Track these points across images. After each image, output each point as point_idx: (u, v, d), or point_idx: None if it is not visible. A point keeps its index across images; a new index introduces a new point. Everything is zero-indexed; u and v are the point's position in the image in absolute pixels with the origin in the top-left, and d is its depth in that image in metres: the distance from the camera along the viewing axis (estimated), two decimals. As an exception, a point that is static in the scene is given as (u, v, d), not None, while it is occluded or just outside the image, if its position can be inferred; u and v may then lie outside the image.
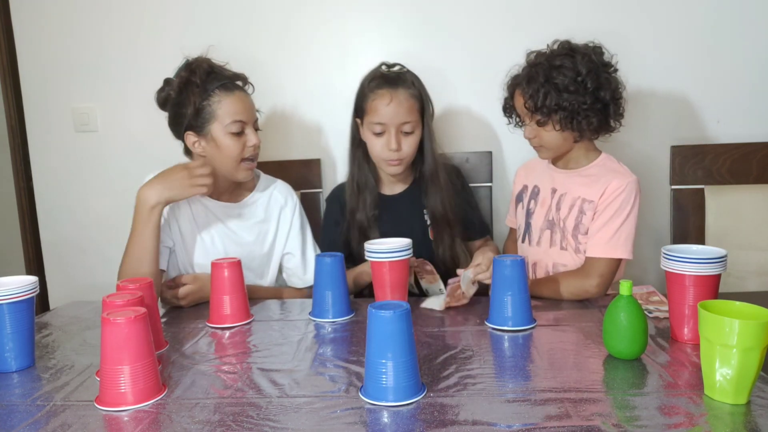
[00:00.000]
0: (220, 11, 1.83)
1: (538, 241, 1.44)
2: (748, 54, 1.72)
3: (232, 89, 1.36)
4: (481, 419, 0.75)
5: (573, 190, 1.38)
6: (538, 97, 1.30)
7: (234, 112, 1.34)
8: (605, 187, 1.32)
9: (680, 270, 0.97)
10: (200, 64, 1.35)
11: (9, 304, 0.96)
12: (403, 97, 1.40)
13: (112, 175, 1.94)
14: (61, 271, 2.03)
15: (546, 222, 1.42)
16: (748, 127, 1.74)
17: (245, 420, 0.77)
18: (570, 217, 1.37)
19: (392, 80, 1.42)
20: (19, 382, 0.94)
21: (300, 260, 1.50)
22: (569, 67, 1.29)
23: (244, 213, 1.46)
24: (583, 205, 1.35)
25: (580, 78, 1.29)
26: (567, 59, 1.30)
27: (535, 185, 1.48)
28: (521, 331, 1.08)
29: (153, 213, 1.27)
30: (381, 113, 1.39)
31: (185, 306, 1.32)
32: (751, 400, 0.78)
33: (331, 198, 1.63)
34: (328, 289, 1.20)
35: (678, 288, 0.99)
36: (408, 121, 1.40)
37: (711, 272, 0.96)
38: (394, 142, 1.40)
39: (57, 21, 1.89)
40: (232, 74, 1.38)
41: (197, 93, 1.33)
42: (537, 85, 1.31)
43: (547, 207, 1.43)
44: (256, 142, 1.37)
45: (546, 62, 1.32)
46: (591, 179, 1.36)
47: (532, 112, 1.33)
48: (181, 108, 1.35)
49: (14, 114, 2.38)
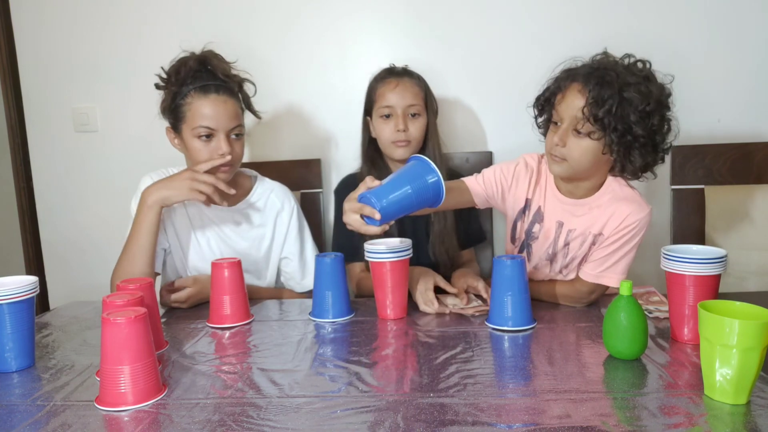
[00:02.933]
0: (221, 11, 1.83)
1: (536, 266, 1.34)
2: (748, 54, 1.72)
3: (208, 92, 1.30)
4: (481, 419, 0.75)
5: (582, 225, 1.23)
6: (605, 106, 1.09)
7: (202, 116, 1.30)
8: (617, 218, 1.18)
9: (680, 270, 0.97)
10: (189, 61, 1.32)
11: (9, 304, 0.96)
12: (408, 84, 1.49)
13: (112, 175, 1.94)
14: (61, 271, 2.04)
15: (547, 254, 1.29)
16: (748, 127, 1.74)
17: (245, 420, 0.77)
18: (579, 252, 1.25)
19: (398, 72, 1.52)
20: (19, 382, 0.94)
21: (298, 265, 1.48)
22: (644, 91, 1.11)
23: (240, 217, 1.44)
24: (596, 238, 1.22)
25: (649, 108, 1.11)
26: (643, 81, 1.12)
27: (539, 207, 1.29)
28: (521, 331, 1.08)
29: (149, 212, 1.26)
30: (388, 97, 1.48)
31: (186, 308, 1.32)
32: (751, 400, 0.78)
33: (342, 187, 1.60)
34: (328, 289, 1.20)
35: (678, 288, 0.99)
36: (414, 104, 1.48)
37: (711, 272, 0.96)
38: (402, 123, 1.47)
39: (57, 21, 1.89)
40: (223, 76, 1.33)
41: (172, 92, 1.32)
42: (610, 90, 1.09)
43: (551, 240, 1.28)
44: (225, 150, 1.31)
45: (622, 73, 1.12)
46: (601, 210, 1.21)
47: (588, 119, 1.11)
48: (162, 100, 1.35)
49: (14, 114, 2.38)
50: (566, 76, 1.18)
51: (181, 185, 1.27)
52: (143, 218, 1.27)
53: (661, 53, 1.72)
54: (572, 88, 1.15)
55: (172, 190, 1.27)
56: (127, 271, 1.27)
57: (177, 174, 1.30)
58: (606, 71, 1.12)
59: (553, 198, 1.28)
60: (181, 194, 1.27)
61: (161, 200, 1.27)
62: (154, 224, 1.28)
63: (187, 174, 1.28)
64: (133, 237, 1.28)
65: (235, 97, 1.35)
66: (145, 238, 1.27)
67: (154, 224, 1.28)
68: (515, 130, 1.78)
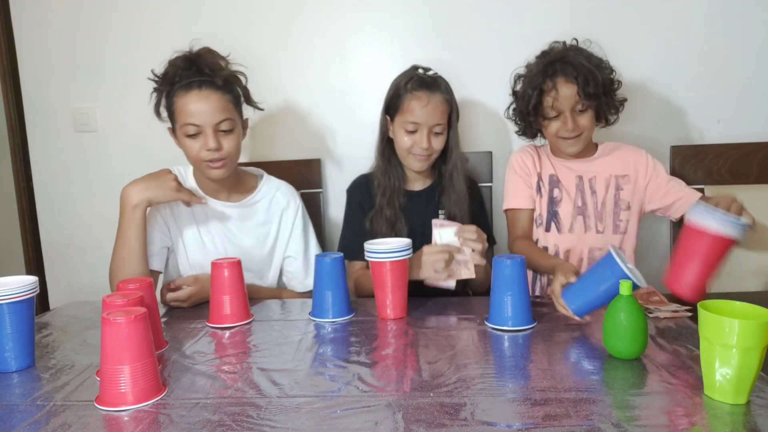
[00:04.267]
0: (221, 11, 1.83)
1: (570, 228, 1.46)
2: (748, 54, 1.72)
3: (190, 89, 1.29)
4: (481, 419, 0.75)
5: (602, 171, 1.46)
6: (591, 82, 1.35)
7: (187, 113, 1.29)
8: (630, 161, 1.46)
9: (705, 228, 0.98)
10: (178, 60, 1.32)
11: (9, 304, 0.96)
12: (439, 101, 1.44)
13: (112, 174, 1.94)
14: (61, 271, 2.03)
15: (576, 208, 1.46)
16: (748, 127, 1.75)
17: (245, 420, 0.77)
18: (608, 195, 1.45)
19: (429, 84, 1.46)
20: (19, 382, 0.94)
21: (302, 264, 1.48)
22: (595, 59, 1.39)
23: (245, 214, 1.44)
24: (618, 181, 1.44)
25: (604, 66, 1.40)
26: (590, 53, 1.40)
27: (551, 174, 1.50)
28: (521, 331, 1.08)
29: (135, 212, 1.27)
30: (417, 113, 1.43)
31: (187, 307, 1.32)
32: (751, 400, 0.78)
33: (355, 187, 1.60)
34: (328, 289, 1.20)
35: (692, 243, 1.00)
36: (440, 123, 1.45)
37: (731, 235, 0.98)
38: (426, 141, 1.44)
39: (57, 21, 1.89)
40: (209, 71, 1.30)
41: (160, 93, 1.33)
42: (584, 70, 1.35)
43: (574, 194, 1.47)
44: (213, 146, 1.29)
45: (573, 53, 1.39)
46: (612, 158, 1.48)
47: (583, 99, 1.36)
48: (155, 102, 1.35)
49: (14, 114, 2.38)
50: (543, 79, 1.40)
51: (165, 186, 1.28)
52: (130, 220, 1.27)
53: (661, 53, 1.74)
54: (559, 82, 1.38)
55: (155, 191, 1.28)
56: (122, 272, 1.27)
57: (157, 173, 1.31)
58: (571, 56, 1.38)
59: (559, 163, 1.51)
60: (165, 195, 1.29)
61: (147, 201, 1.27)
62: (141, 224, 1.28)
63: (170, 175, 1.30)
64: (122, 239, 1.28)
65: (220, 90, 1.31)
66: (135, 239, 1.27)
67: (141, 224, 1.28)
68: (515, 130, 1.78)
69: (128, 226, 1.27)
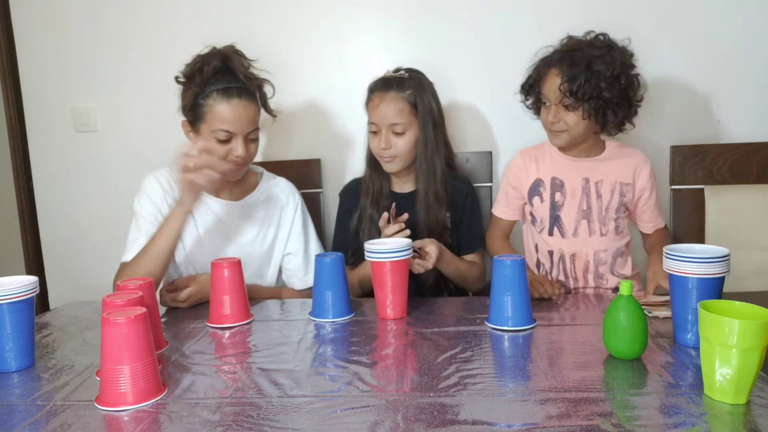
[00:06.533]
0: (220, 11, 1.83)
1: (574, 232, 1.46)
2: (748, 54, 1.72)
3: (230, 96, 1.30)
4: (481, 419, 0.75)
5: (609, 175, 1.45)
6: (577, 81, 1.32)
7: (222, 120, 1.30)
8: (635, 170, 1.46)
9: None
10: (213, 60, 1.31)
11: (9, 304, 0.96)
12: (392, 100, 1.44)
13: (112, 174, 1.94)
14: (61, 271, 2.04)
15: (581, 212, 1.45)
16: (748, 127, 1.74)
17: (245, 420, 0.77)
18: (613, 200, 1.45)
19: (386, 84, 1.47)
20: (19, 382, 0.94)
21: (302, 261, 1.48)
22: (608, 60, 1.34)
23: (245, 212, 1.44)
24: (623, 188, 1.45)
25: (616, 72, 1.34)
26: (607, 51, 1.35)
27: (554, 177, 1.48)
28: (521, 331, 1.08)
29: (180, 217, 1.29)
30: (372, 114, 1.48)
31: (186, 307, 1.32)
32: (751, 400, 0.78)
33: (346, 190, 1.63)
34: (328, 289, 1.20)
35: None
36: (397, 122, 1.44)
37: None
38: (384, 141, 1.46)
39: (57, 21, 1.89)
40: (244, 78, 1.33)
41: (194, 91, 1.31)
42: (579, 68, 1.33)
43: (579, 197, 1.45)
44: (242, 154, 1.32)
45: (588, 50, 1.35)
46: (618, 163, 1.47)
47: (565, 95, 1.35)
48: (183, 94, 1.35)
49: (14, 114, 2.38)
50: (543, 63, 1.43)
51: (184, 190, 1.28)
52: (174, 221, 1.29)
53: (661, 53, 1.74)
54: (551, 72, 1.39)
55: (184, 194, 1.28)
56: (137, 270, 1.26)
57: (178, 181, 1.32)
58: (574, 52, 1.36)
59: (566, 163, 1.48)
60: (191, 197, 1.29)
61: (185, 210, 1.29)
62: (179, 229, 1.30)
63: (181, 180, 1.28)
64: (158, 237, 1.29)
65: (255, 100, 1.35)
66: (168, 242, 1.28)
67: (179, 229, 1.30)
68: (515, 130, 1.78)
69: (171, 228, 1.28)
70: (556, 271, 1.49)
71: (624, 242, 1.48)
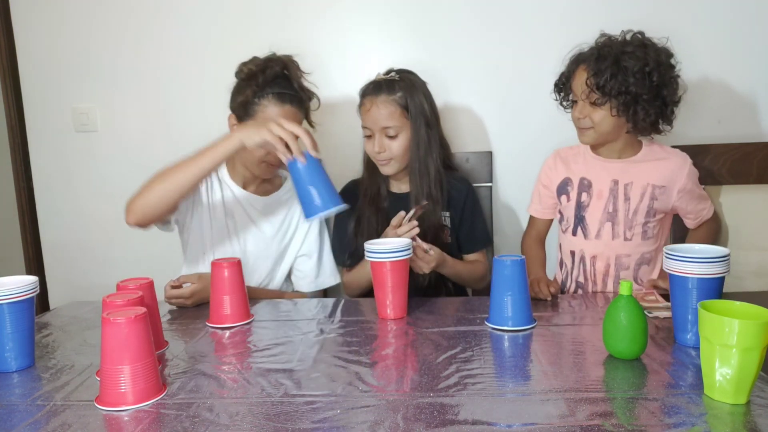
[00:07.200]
0: (219, 11, 1.83)
1: (597, 234, 1.43)
2: (748, 54, 1.72)
3: (284, 101, 1.36)
4: (481, 419, 0.75)
5: (641, 177, 1.40)
6: (604, 76, 1.30)
7: None
8: (671, 172, 1.40)
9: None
10: (276, 65, 1.36)
11: (9, 304, 0.96)
12: (383, 104, 1.45)
13: (111, 174, 1.94)
14: (61, 271, 2.04)
15: (606, 214, 1.42)
16: (748, 127, 1.75)
17: (245, 420, 0.77)
18: (642, 204, 1.40)
19: (377, 87, 1.47)
20: (19, 382, 0.94)
21: (315, 263, 1.52)
22: (640, 56, 1.31)
23: (268, 208, 1.49)
24: (655, 191, 1.39)
25: (648, 69, 1.31)
26: (639, 48, 1.33)
27: (582, 177, 1.46)
28: (521, 331, 1.08)
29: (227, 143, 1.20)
30: (364, 119, 1.49)
31: (190, 305, 1.32)
32: (751, 400, 0.78)
33: (344, 192, 1.62)
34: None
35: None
36: (389, 126, 1.45)
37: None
38: (378, 145, 1.46)
39: (57, 21, 1.89)
40: (298, 87, 1.38)
41: (253, 89, 1.35)
42: (605, 63, 1.31)
43: (606, 199, 1.42)
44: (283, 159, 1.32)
45: (618, 46, 1.34)
46: (653, 165, 1.41)
47: (592, 89, 1.33)
48: (239, 91, 1.38)
49: (14, 114, 2.37)
50: (574, 60, 1.41)
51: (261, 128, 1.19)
52: (218, 146, 1.21)
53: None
54: (579, 68, 1.38)
55: (251, 129, 1.20)
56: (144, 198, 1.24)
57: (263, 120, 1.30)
58: (603, 47, 1.35)
59: (597, 163, 1.45)
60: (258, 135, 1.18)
61: (242, 139, 1.20)
62: (220, 157, 1.22)
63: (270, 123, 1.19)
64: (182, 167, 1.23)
65: (302, 109, 1.41)
66: (205, 162, 1.21)
67: (220, 157, 1.22)
68: (515, 130, 1.78)
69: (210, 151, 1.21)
70: (577, 272, 1.47)
71: (652, 248, 1.43)
